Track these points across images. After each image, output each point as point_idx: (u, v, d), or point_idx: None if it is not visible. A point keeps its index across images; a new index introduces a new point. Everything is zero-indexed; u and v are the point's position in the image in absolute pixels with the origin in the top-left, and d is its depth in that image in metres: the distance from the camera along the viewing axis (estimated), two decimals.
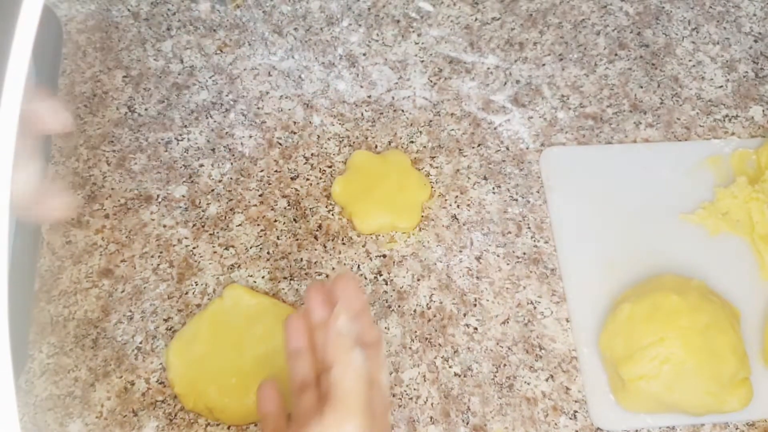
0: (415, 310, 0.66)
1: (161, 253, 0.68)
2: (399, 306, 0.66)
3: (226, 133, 0.74)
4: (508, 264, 0.69)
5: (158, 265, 0.67)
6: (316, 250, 0.69)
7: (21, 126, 0.35)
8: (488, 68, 0.78)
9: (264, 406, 0.53)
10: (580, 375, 0.64)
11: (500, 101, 0.76)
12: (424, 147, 0.73)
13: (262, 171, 0.72)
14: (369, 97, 0.76)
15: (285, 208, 0.70)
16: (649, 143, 0.75)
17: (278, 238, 0.69)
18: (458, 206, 0.71)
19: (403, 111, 0.75)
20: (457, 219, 0.70)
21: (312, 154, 0.73)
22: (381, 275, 0.68)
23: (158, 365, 0.64)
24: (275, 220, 0.70)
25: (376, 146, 0.73)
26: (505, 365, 0.64)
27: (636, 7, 0.82)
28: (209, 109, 0.75)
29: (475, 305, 0.67)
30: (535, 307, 0.67)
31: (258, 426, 0.62)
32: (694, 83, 0.78)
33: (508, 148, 0.74)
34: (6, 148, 0.29)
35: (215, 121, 0.74)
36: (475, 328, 0.66)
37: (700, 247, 0.69)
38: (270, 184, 0.71)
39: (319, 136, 0.74)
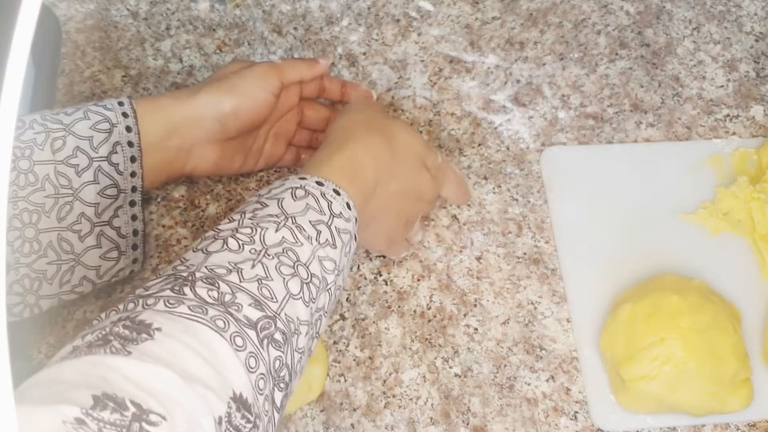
0: (415, 311, 0.66)
1: (160, 253, 0.68)
2: (399, 306, 0.66)
3: None
4: (508, 264, 0.68)
5: (157, 265, 0.67)
6: None
7: None
8: (488, 68, 0.78)
9: None
10: (581, 375, 0.64)
11: (500, 101, 0.76)
12: None
13: (261, 171, 0.72)
14: None
15: None
16: (650, 143, 0.74)
17: None
18: (458, 206, 0.71)
19: (403, 111, 0.75)
20: (457, 219, 0.70)
21: None
22: (381, 275, 0.67)
23: None
24: None
25: None
26: (505, 366, 0.64)
27: (637, 7, 0.82)
28: None
29: (475, 305, 0.66)
30: (535, 308, 0.67)
31: None
32: (695, 83, 0.78)
33: (508, 148, 0.74)
34: (6, 148, 0.28)
35: None
36: (476, 329, 0.66)
37: (700, 247, 0.69)
38: (270, 183, 0.71)
39: None
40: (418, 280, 0.67)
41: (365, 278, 0.67)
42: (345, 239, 0.51)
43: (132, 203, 0.58)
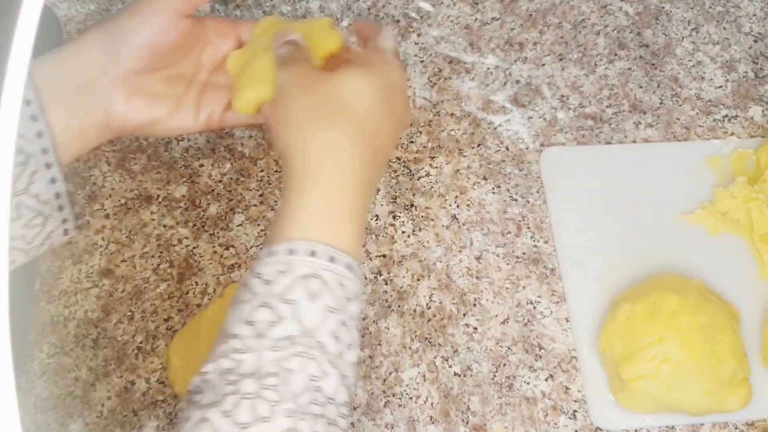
0: (415, 310, 0.66)
1: (161, 253, 0.68)
2: (399, 306, 0.66)
3: (226, 133, 0.74)
4: (507, 264, 0.69)
5: (158, 264, 0.68)
6: None
7: None
8: (488, 68, 0.78)
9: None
10: (580, 375, 0.64)
11: (500, 101, 0.76)
12: (424, 147, 0.74)
13: (262, 171, 0.72)
14: None
15: None
16: (649, 143, 0.75)
17: None
18: (458, 206, 0.71)
19: None
20: (457, 219, 0.70)
21: None
22: (381, 275, 0.68)
23: (158, 365, 0.64)
24: None
25: None
26: (504, 365, 0.65)
27: (636, 7, 0.82)
28: None
29: (474, 305, 0.67)
30: (534, 307, 0.67)
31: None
32: (694, 83, 0.78)
33: (507, 148, 0.74)
34: (6, 148, 0.29)
35: None
36: (475, 328, 0.66)
37: (699, 247, 0.69)
38: (270, 184, 0.71)
39: None
40: (418, 279, 0.68)
41: (365, 278, 0.67)
42: (358, 325, 0.45)
43: (48, 165, 0.51)
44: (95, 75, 0.52)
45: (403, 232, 0.70)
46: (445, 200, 0.71)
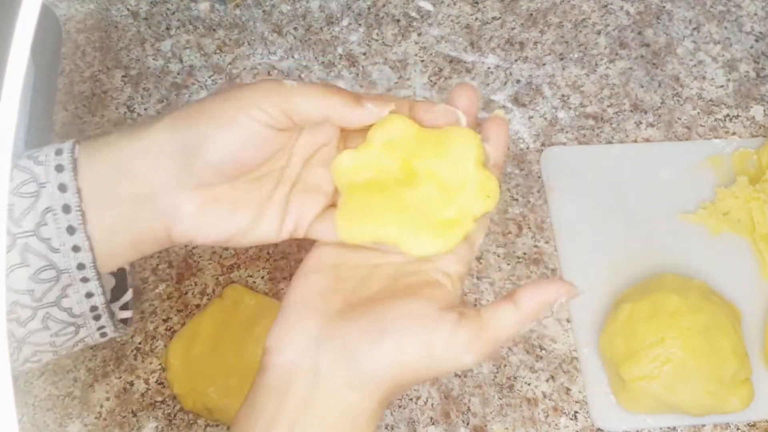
0: None
1: (160, 253, 0.68)
2: None
3: None
4: (508, 264, 0.68)
5: (157, 265, 0.67)
6: None
7: None
8: (488, 68, 0.78)
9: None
10: (581, 375, 0.64)
11: (500, 101, 0.76)
12: None
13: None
14: None
15: None
16: (650, 143, 0.74)
17: None
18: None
19: None
20: None
21: None
22: None
23: (157, 366, 0.63)
24: None
25: None
26: (505, 366, 0.64)
27: (637, 7, 0.82)
28: None
29: (475, 305, 0.66)
30: None
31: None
32: (695, 83, 0.78)
33: (508, 148, 0.74)
34: (6, 148, 0.28)
35: None
36: None
37: (700, 247, 0.69)
38: None
39: None
40: None
41: None
42: None
43: (85, 280, 0.42)
44: (161, 183, 0.42)
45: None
46: None
